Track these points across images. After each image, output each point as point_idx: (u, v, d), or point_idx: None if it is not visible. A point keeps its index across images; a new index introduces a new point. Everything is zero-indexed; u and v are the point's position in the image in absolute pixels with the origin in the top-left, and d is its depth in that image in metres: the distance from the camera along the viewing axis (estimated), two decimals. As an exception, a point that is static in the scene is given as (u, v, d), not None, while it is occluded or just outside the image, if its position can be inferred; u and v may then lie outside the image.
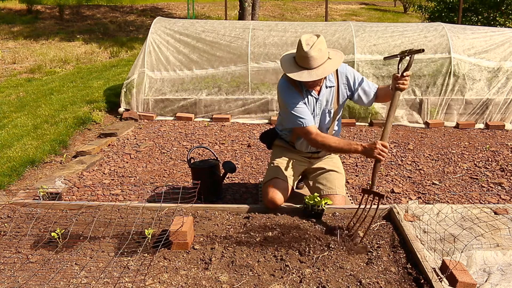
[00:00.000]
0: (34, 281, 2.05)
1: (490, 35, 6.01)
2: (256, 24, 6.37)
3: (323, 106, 2.81)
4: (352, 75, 2.83)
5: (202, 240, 2.45)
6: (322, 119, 2.84)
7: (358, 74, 2.86)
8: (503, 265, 2.28)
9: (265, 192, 2.82)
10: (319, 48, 2.51)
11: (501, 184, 3.74)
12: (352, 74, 2.83)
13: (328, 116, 2.84)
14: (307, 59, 2.51)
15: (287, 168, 2.94)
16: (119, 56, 10.48)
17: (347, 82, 2.83)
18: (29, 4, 15.47)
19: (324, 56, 2.56)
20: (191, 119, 5.76)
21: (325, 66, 2.56)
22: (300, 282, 2.05)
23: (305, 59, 2.51)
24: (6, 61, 9.58)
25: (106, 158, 4.33)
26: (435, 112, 5.73)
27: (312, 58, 2.50)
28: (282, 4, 19.19)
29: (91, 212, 2.78)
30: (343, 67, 2.82)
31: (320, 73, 2.54)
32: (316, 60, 2.52)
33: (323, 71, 2.54)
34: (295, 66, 2.59)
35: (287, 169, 2.93)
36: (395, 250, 2.34)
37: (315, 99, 2.76)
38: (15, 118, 5.52)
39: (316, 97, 2.76)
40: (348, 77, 2.82)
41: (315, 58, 2.51)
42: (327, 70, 2.56)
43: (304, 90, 2.73)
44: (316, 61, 2.52)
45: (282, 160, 2.97)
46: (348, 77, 2.82)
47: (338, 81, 2.82)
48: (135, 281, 2.04)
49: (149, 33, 6.09)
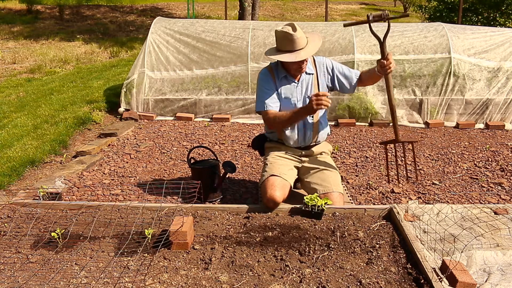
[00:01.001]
0: (34, 281, 2.05)
1: (490, 35, 6.01)
2: (256, 24, 6.37)
3: (303, 92, 2.94)
4: (330, 63, 3.02)
5: (202, 240, 2.45)
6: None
7: (337, 63, 3.03)
8: (503, 265, 2.28)
9: (263, 191, 2.82)
10: (300, 32, 2.73)
11: (501, 184, 3.74)
12: (330, 62, 3.02)
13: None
14: (292, 41, 2.71)
15: (282, 165, 2.95)
16: (119, 56, 10.48)
17: (326, 70, 2.99)
18: (29, 4, 15.48)
19: (305, 40, 2.76)
20: (191, 119, 5.76)
21: (308, 48, 2.76)
22: (300, 282, 2.06)
23: (290, 41, 2.70)
24: (6, 61, 9.58)
25: (106, 158, 4.33)
26: (435, 112, 5.73)
27: (298, 39, 2.71)
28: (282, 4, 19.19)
29: (91, 212, 2.78)
30: (321, 58, 3.02)
31: (305, 54, 2.73)
32: (299, 42, 2.71)
33: (307, 52, 2.74)
34: (279, 52, 2.80)
35: (282, 166, 2.94)
36: (395, 250, 2.34)
37: (295, 83, 2.92)
38: (15, 118, 5.52)
39: (295, 82, 2.92)
40: (327, 65, 3.00)
41: (299, 39, 2.71)
42: (310, 51, 2.76)
43: (280, 77, 2.91)
44: (299, 43, 2.72)
45: (276, 158, 2.99)
46: (327, 65, 3.00)
47: (317, 70, 2.97)
48: (135, 281, 2.04)
49: (149, 33, 6.09)
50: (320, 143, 3.10)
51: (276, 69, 2.94)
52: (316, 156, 3.07)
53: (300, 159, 3.05)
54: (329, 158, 3.13)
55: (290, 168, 2.97)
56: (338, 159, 4.34)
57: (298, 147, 3.04)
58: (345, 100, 5.73)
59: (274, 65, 2.97)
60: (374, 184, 3.74)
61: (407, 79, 5.75)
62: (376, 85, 5.75)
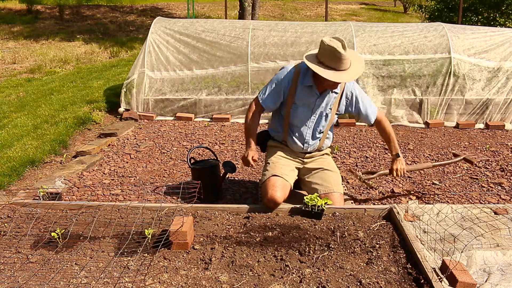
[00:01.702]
0: (34, 281, 2.05)
1: (490, 35, 6.01)
2: (257, 24, 6.37)
3: (321, 108, 2.88)
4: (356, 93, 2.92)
5: (202, 240, 2.45)
6: (318, 120, 2.92)
7: (364, 95, 2.96)
8: (503, 265, 2.28)
9: (264, 191, 2.82)
10: (349, 51, 2.60)
11: (501, 184, 3.74)
12: (356, 91, 2.92)
13: (324, 120, 2.93)
14: (340, 60, 2.57)
15: (284, 165, 2.95)
16: (119, 56, 10.48)
17: (350, 97, 2.92)
18: (29, 4, 15.46)
19: (349, 60, 2.63)
20: (191, 119, 5.76)
21: (351, 71, 2.63)
22: (300, 282, 2.06)
23: (337, 60, 2.56)
24: (6, 61, 9.58)
25: (106, 158, 4.33)
26: (435, 112, 5.73)
27: (345, 60, 2.57)
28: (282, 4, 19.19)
29: (91, 212, 2.78)
30: (352, 84, 2.91)
31: (348, 77, 2.62)
32: (346, 62, 2.59)
33: (350, 77, 2.62)
34: (321, 64, 2.64)
35: (284, 167, 2.94)
36: (395, 250, 2.34)
37: (316, 94, 2.84)
38: (15, 118, 5.52)
39: (317, 94, 2.84)
40: (353, 92, 2.92)
41: (347, 60, 2.58)
42: (353, 75, 2.64)
43: (303, 85, 2.83)
44: (345, 64, 2.60)
45: (278, 159, 2.99)
46: (353, 92, 2.92)
47: (343, 91, 2.90)
48: (135, 281, 2.04)
49: (149, 33, 6.09)
50: (323, 149, 3.11)
51: (304, 75, 2.82)
52: (318, 157, 3.07)
53: (303, 160, 3.05)
54: (330, 158, 3.14)
55: (291, 169, 2.97)
56: (338, 159, 4.34)
57: (301, 151, 3.04)
58: (345, 100, 5.72)
59: (305, 70, 2.84)
60: (374, 184, 3.74)
61: (407, 79, 5.75)
62: (376, 85, 5.76)
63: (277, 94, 2.88)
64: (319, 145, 3.03)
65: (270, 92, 2.89)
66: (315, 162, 3.04)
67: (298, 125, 2.92)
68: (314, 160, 3.05)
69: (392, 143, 3.06)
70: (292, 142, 2.98)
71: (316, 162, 3.04)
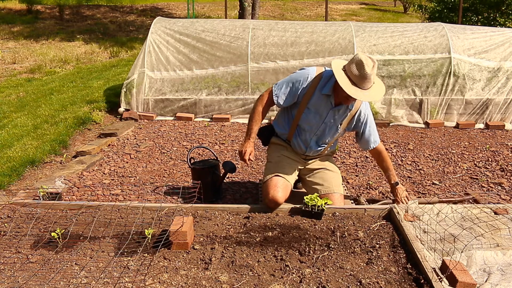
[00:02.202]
0: (34, 281, 2.05)
1: (490, 35, 6.01)
2: (256, 23, 6.36)
3: (332, 120, 2.85)
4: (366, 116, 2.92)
5: (202, 240, 2.45)
6: (328, 131, 2.89)
7: (372, 121, 2.97)
8: (503, 265, 2.28)
9: (265, 191, 2.82)
10: (375, 71, 2.60)
11: (501, 184, 3.74)
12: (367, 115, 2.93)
13: (333, 131, 2.91)
14: (365, 79, 2.56)
15: (286, 165, 2.95)
16: (119, 56, 10.48)
17: (362, 119, 2.91)
18: (29, 4, 15.45)
19: (372, 81, 2.63)
20: (191, 119, 5.76)
21: (371, 92, 2.63)
22: (300, 282, 2.06)
23: (363, 78, 2.56)
24: (6, 61, 9.58)
25: (106, 158, 4.33)
26: (435, 112, 5.73)
27: (369, 80, 2.58)
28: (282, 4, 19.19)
29: (91, 212, 2.78)
30: (367, 107, 2.92)
31: (367, 98, 2.64)
32: (369, 82, 2.60)
33: (369, 97, 2.64)
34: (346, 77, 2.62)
35: (286, 167, 2.93)
36: (395, 250, 2.35)
37: (331, 104, 2.80)
38: (15, 118, 5.52)
39: (332, 104, 2.80)
40: (366, 116, 2.91)
41: (370, 80, 2.59)
42: (373, 97, 2.66)
43: (322, 92, 2.78)
44: (368, 84, 2.60)
45: (280, 158, 2.98)
46: (366, 116, 2.91)
47: (357, 112, 2.88)
48: (135, 281, 2.04)
49: (149, 33, 6.09)
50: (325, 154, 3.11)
51: (324, 84, 2.78)
52: (319, 158, 3.07)
53: (305, 161, 3.05)
54: (331, 159, 3.14)
55: (293, 170, 2.97)
56: (338, 159, 4.34)
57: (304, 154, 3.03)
58: (345, 100, 5.72)
59: (325, 80, 2.78)
60: (374, 184, 3.74)
61: (407, 79, 5.75)
62: (376, 85, 5.75)
63: (292, 95, 2.83)
64: (322, 152, 3.04)
65: (286, 91, 2.83)
66: (315, 163, 3.04)
67: (306, 129, 2.89)
68: (315, 161, 3.05)
69: (391, 172, 3.06)
70: (296, 144, 2.96)
71: (317, 162, 3.04)
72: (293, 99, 2.84)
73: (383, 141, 4.93)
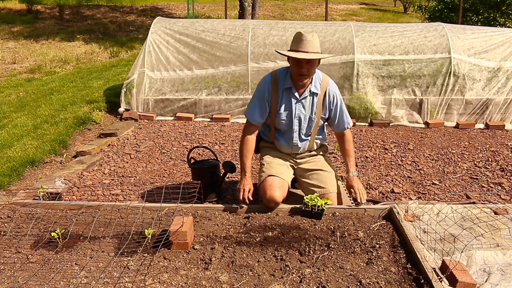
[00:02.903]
0: (34, 281, 2.05)
1: (490, 35, 6.01)
2: (256, 23, 6.36)
3: (305, 111, 2.89)
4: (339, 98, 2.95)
5: (202, 240, 2.45)
6: (303, 123, 2.92)
7: (343, 103, 2.99)
8: (503, 265, 2.28)
9: (263, 192, 2.82)
10: (314, 39, 2.70)
11: (501, 184, 3.74)
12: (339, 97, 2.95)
13: (309, 123, 2.92)
14: (301, 41, 2.67)
15: (279, 165, 2.96)
16: (119, 56, 10.48)
17: (333, 100, 2.92)
18: (29, 4, 15.46)
19: (317, 48, 2.70)
20: (191, 119, 5.76)
21: (313, 55, 2.70)
22: (300, 282, 2.06)
23: (300, 41, 2.67)
24: (6, 61, 9.58)
25: (106, 158, 4.33)
26: (435, 112, 5.73)
27: (308, 42, 2.66)
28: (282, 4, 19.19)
29: (91, 212, 2.78)
30: (335, 87, 2.94)
31: (306, 55, 2.67)
32: (307, 45, 2.66)
33: (309, 55, 2.68)
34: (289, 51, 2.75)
35: (279, 166, 2.95)
36: (395, 250, 2.34)
37: (295, 99, 2.85)
38: (15, 118, 5.52)
39: (297, 98, 2.85)
40: (335, 96, 2.92)
41: (309, 42, 2.66)
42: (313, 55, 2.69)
43: (283, 88, 2.84)
44: (307, 46, 2.66)
45: (271, 159, 3.00)
46: (335, 96, 2.92)
47: (326, 94, 2.90)
48: (135, 281, 2.04)
49: (149, 33, 6.09)
50: (313, 150, 3.11)
51: (283, 79, 2.85)
52: (311, 158, 3.07)
53: (295, 160, 3.05)
54: (325, 158, 3.13)
55: (286, 168, 2.99)
56: (338, 159, 4.34)
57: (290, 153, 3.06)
58: (345, 100, 5.72)
59: (283, 74, 2.87)
60: (374, 184, 3.74)
61: (407, 79, 5.75)
62: (376, 85, 5.76)
63: (262, 106, 2.89)
64: (309, 146, 3.03)
65: (255, 106, 2.90)
66: (309, 163, 3.04)
67: (283, 129, 2.95)
68: (308, 161, 3.05)
69: (352, 159, 3.01)
70: (280, 146, 3.02)
71: (311, 163, 3.04)
72: (265, 109, 2.90)
73: (383, 141, 4.93)
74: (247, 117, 2.94)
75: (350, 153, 3.01)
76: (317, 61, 2.75)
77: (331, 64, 5.76)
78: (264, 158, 3.05)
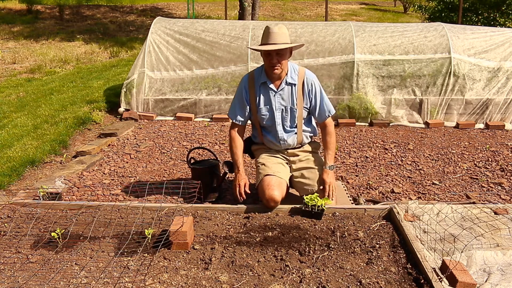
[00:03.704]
0: (34, 281, 2.05)
1: (490, 35, 6.01)
2: (256, 24, 6.37)
3: (285, 102, 2.93)
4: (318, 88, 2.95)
5: (202, 240, 2.45)
6: (285, 116, 2.95)
7: (323, 92, 2.99)
8: (503, 265, 2.28)
9: (261, 192, 2.82)
10: (281, 31, 2.75)
11: (501, 184, 3.74)
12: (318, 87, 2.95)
13: (291, 113, 2.95)
14: (268, 34, 2.74)
15: (275, 164, 2.97)
16: (119, 56, 10.48)
17: (311, 89, 2.94)
18: (29, 4, 15.46)
19: (285, 39, 2.75)
20: (191, 119, 5.76)
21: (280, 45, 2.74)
22: (300, 282, 2.06)
23: (267, 35, 2.75)
24: (6, 61, 9.58)
25: (106, 158, 4.33)
26: (435, 112, 5.73)
27: (273, 34, 2.72)
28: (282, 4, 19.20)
29: (91, 212, 2.78)
30: (313, 76, 2.96)
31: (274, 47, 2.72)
32: (273, 37, 2.72)
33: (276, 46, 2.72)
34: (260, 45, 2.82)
35: (275, 165, 2.95)
36: (395, 250, 2.35)
37: (273, 92, 2.91)
38: (15, 118, 5.52)
39: (275, 90, 2.91)
40: (313, 85, 2.93)
41: (275, 34, 2.72)
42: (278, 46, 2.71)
43: (259, 83, 2.91)
44: (273, 38, 2.72)
45: (266, 159, 3.01)
46: (313, 85, 2.93)
47: (304, 84, 2.92)
48: (135, 281, 2.04)
49: (149, 33, 6.09)
50: (304, 144, 3.11)
51: (259, 75, 2.94)
52: (303, 156, 3.07)
53: (288, 159, 3.06)
54: (317, 156, 3.12)
55: (282, 166, 2.99)
56: (338, 159, 4.34)
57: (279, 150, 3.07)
58: (345, 100, 5.73)
59: (258, 71, 2.97)
60: (374, 184, 3.74)
61: (407, 79, 5.75)
62: (376, 85, 5.76)
63: (242, 104, 2.97)
64: (298, 139, 3.03)
65: (235, 105, 3.00)
66: (302, 162, 3.04)
67: (267, 125, 3.00)
68: (300, 159, 3.05)
69: (331, 152, 2.96)
70: (269, 142, 3.05)
71: (303, 162, 3.04)
72: (244, 107, 2.97)
73: (383, 141, 4.93)
74: (229, 116, 3.05)
75: (330, 146, 2.97)
76: (287, 51, 2.80)
77: (331, 64, 5.76)
78: (258, 159, 3.07)
